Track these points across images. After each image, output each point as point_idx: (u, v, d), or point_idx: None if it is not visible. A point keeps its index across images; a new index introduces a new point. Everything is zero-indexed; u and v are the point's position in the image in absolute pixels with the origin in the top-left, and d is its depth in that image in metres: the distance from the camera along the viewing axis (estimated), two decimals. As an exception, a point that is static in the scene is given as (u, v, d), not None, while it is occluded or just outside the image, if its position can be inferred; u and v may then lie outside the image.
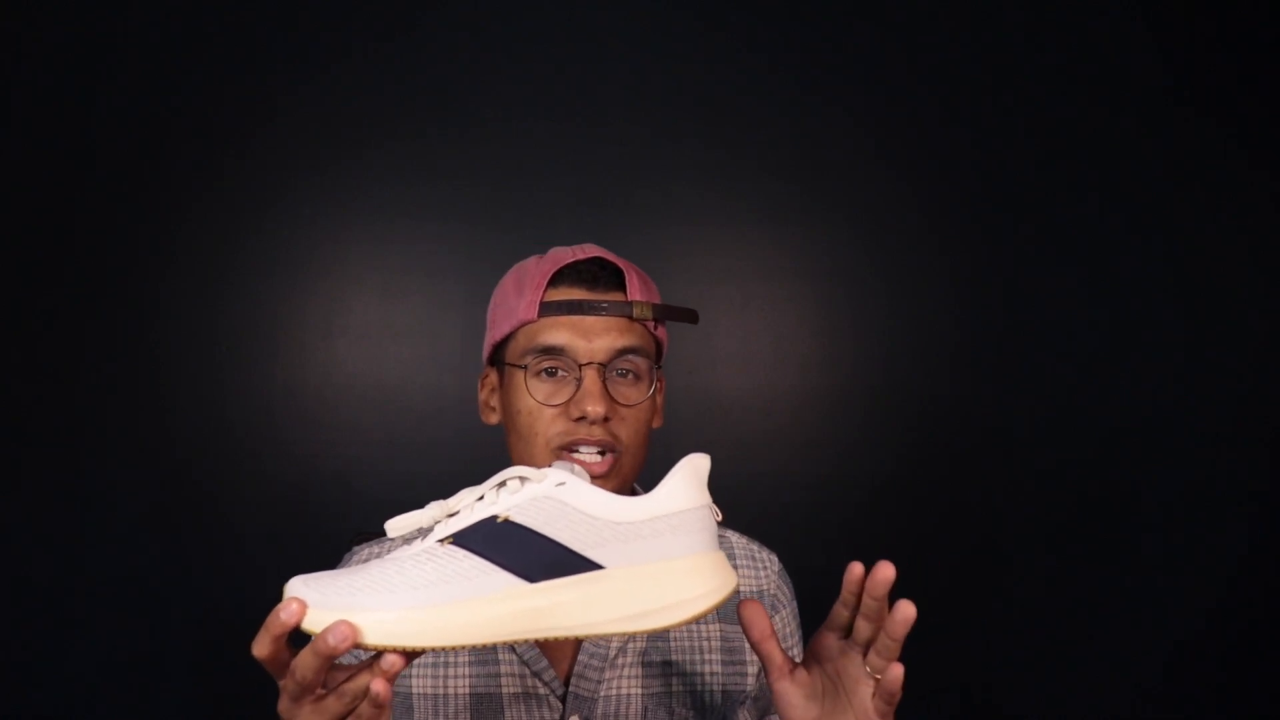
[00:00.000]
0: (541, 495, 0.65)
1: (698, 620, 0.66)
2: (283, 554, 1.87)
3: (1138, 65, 2.00)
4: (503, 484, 0.66)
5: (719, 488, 1.94)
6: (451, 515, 0.66)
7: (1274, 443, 1.98)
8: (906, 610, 0.67)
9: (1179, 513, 1.97)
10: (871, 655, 0.69)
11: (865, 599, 0.68)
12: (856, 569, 0.68)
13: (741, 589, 1.00)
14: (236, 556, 1.88)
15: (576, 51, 1.97)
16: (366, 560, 0.99)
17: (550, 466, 0.67)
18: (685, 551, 0.65)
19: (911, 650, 1.94)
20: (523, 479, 0.66)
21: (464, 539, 0.64)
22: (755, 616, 0.74)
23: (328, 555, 1.88)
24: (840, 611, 0.71)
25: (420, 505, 1.91)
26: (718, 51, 1.98)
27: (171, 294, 1.90)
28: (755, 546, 1.04)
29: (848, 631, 0.71)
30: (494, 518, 0.64)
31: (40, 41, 1.89)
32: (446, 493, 1.85)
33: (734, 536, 1.05)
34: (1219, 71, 2.00)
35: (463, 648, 0.66)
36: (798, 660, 1.00)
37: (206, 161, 1.92)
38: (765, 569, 1.03)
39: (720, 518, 0.70)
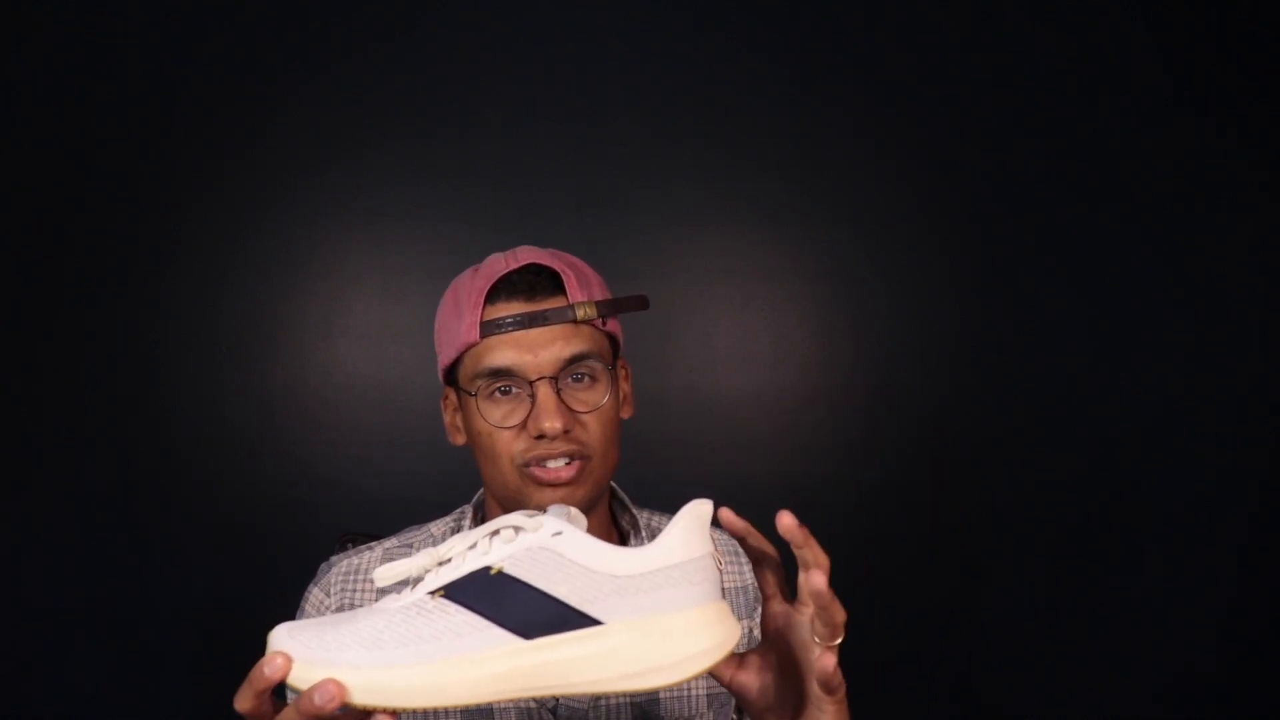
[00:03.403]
0: (537, 546, 0.62)
1: (701, 676, 0.65)
2: (283, 553, 1.87)
3: (1138, 65, 2.00)
4: (496, 532, 0.64)
5: (719, 488, 1.94)
6: (442, 564, 0.64)
7: (1275, 444, 1.98)
8: (814, 580, 0.65)
9: (1180, 512, 1.97)
10: (814, 621, 0.67)
11: (796, 551, 0.66)
12: (782, 518, 0.65)
13: (724, 585, 1.00)
14: (236, 556, 1.88)
15: (576, 51, 1.96)
16: (346, 574, 0.98)
17: (545, 513, 0.65)
18: (687, 605, 0.63)
19: (912, 649, 1.94)
20: (517, 528, 0.64)
21: (456, 592, 0.62)
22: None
23: (327, 555, 1.88)
24: (766, 575, 0.70)
25: (420, 505, 1.91)
26: (718, 51, 1.98)
27: (171, 294, 1.90)
28: (737, 542, 1.04)
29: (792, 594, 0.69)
30: (487, 569, 0.62)
31: (40, 41, 1.89)
32: (445, 493, 1.85)
33: (715, 532, 1.04)
34: (1219, 71, 2.00)
35: (455, 708, 0.64)
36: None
37: (206, 161, 1.92)
38: (749, 563, 1.02)
39: (723, 567, 0.68)
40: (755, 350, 1.97)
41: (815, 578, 0.65)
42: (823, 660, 0.65)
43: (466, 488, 1.06)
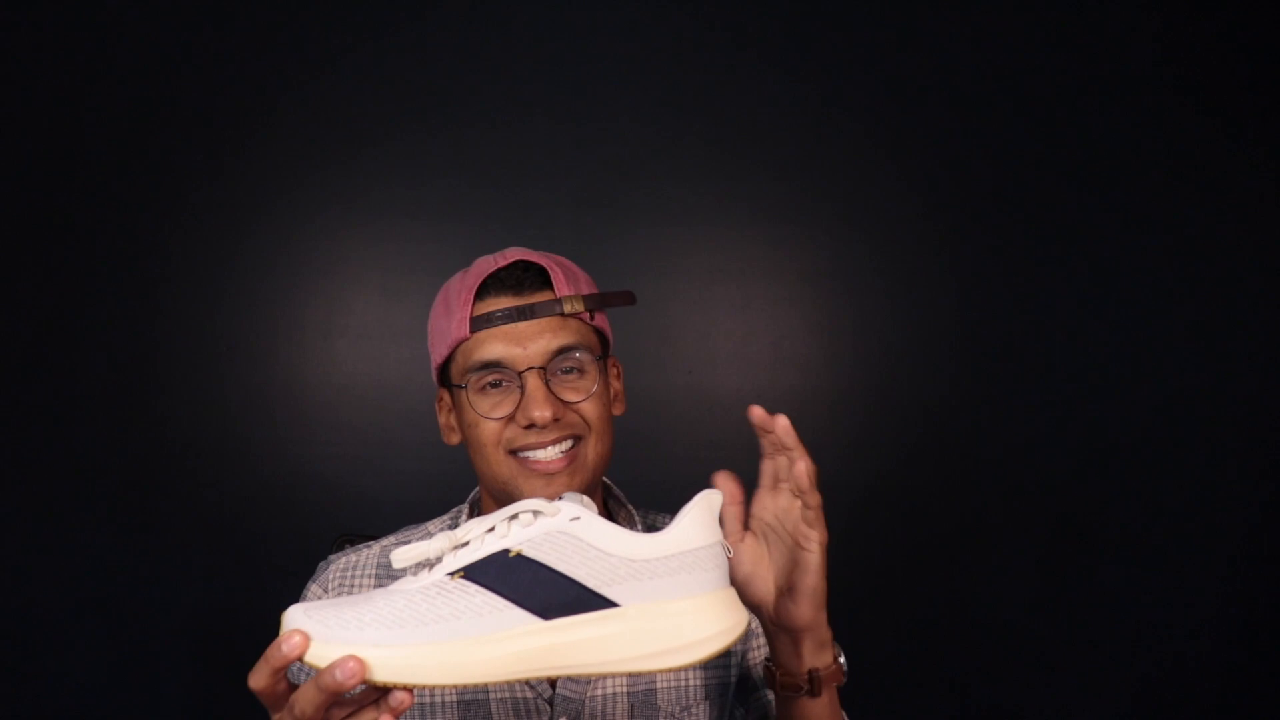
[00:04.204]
0: (555, 530, 0.64)
1: (712, 660, 0.67)
2: (282, 553, 1.87)
3: (1138, 65, 2.00)
4: (514, 516, 0.65)
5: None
6: (460, 546, 0.65)
7: (1275, 444, 1.98)
8: (799, 466, 0.74)
9: (1179, 512, 1.97)
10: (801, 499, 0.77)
11: (767, 442, 0.77)
12: (753, 411, 0.75)
13: None
14: (236, 556, 1.88)
15: (577, 51, 1.97)
16: (344, 570, 0.98)
17: (560, 499, 0.66)
18: (699, 590, 0.65)
19: (912, 649, 1.94)
20: (535, 512, 0.65)
21: (475, 573, 0.63)
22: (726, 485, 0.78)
23: (326, 555, 1.88)
24: (765, 465, 0.78)
25: (419, 505, 1.91)
26: (717, 51, 1.98)
27: (171, 294, 1.90)
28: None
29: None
30: (506, 551, 0.63)
31: (39, 41, 1.89)
32: (444, 493, 1.85)
33: None
34: (1220, 71, 2.00)
35: (475, 686, 0.65)
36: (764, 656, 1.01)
37: (206, 161, 1.92)
38: None
39: (732, 554, 0.70)
40: (755, 350, 1.97)
41: (800, 465, 0.75)
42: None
43: (465, 488, 1.06)
